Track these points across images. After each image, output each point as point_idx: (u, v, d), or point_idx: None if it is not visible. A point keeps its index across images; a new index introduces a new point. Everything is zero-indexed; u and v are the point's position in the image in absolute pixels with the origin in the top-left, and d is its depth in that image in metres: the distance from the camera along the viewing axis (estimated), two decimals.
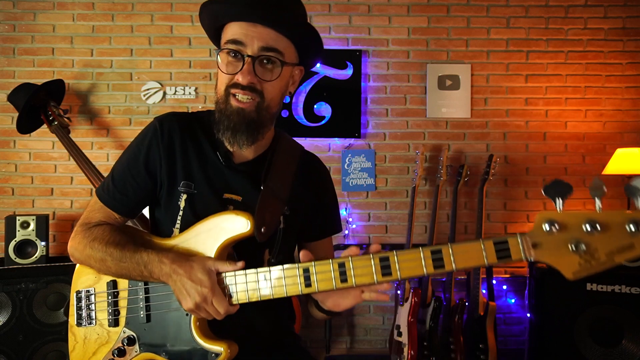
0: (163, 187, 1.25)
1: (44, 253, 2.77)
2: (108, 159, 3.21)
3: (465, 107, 3.27)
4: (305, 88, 3.23)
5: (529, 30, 3.29)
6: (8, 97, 2.94)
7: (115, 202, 1.26)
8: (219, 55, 1.19)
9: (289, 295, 1.11)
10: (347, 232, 3.24)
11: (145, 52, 3.25)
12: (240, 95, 1.16)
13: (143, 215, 1.38)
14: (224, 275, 1.13)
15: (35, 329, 2.61)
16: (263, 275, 1.12)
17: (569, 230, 0.94)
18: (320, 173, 1.41)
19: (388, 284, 1.14)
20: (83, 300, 1.28)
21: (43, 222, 2.81)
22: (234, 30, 1.17)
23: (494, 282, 3.08)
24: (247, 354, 1.23)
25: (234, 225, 1.16)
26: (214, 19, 1.21)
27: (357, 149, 3.26)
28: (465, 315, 2.90)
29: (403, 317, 2.86)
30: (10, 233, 2.76)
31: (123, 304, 1.24)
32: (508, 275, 3.26)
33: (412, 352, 2.76)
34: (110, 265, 1.19)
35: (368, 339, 3.30)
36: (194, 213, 1.22)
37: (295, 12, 1.21)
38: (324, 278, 1.07)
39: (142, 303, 1.22)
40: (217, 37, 1.25)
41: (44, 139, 3.19)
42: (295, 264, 1.10)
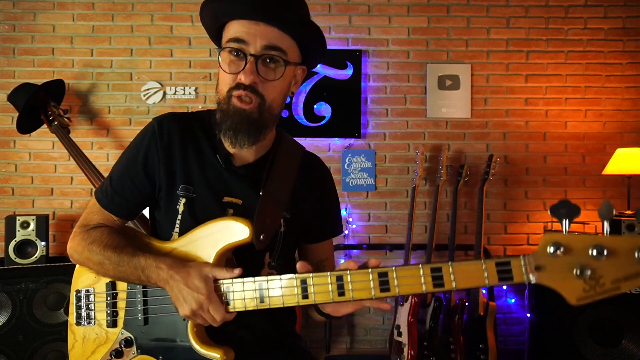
0: (162, 190, 1.23)
1: (44, 253, 2.77)
2: (108, 159, 3.21)
3: (465, 107, 3.27)
4: (305, 88, 3.23)
5: (529, 30, 3.29)
6: (8, 97, 2.94)
7: (114, 205, 1.24)
8: (221, 55, 1.17)
9: (286, 306, 1.09)
10: (347, 232, 3.24)
11: (145, 52, 3.25)
12: (243, 96, 1.13)
13: (143, 215, 1.38)
14: (221, 283, 1.12)
15: (35, 329, 2.61)
16: (260, 284, 1.11)
17: (575, 254, 0.90)
18: (322, 174, 1.39)
19: (388, 303, 1.13)
20: (82, 300, 1.27)
21: (43, 222, 2.81)
22: (236, 29, 1.14)
23: None
24: (247, 355, 1.22)
25: (233, 232, 1.14)
26: (215, 18, 1.18)
27: (357, 149, 3.26)
28: (465, 315, 2.90)
29: (403, 317, 2.86)
30: (10, 233, 2.76)
31: (122, 305, 1.24)
32: None
33: (412, 352, 2.76)
34: (108, 269, 1.18)
35: (368, 339, 3.30)
36: (193, 217, 1.20)
37: (299, 10, 1.18)
38: (322, 290, 1.06)
39: (140, 305, 1.21)
40: (218, 36, 1.22)
41: (44, 139, 3.19)
42: (294, 275, 1.09)
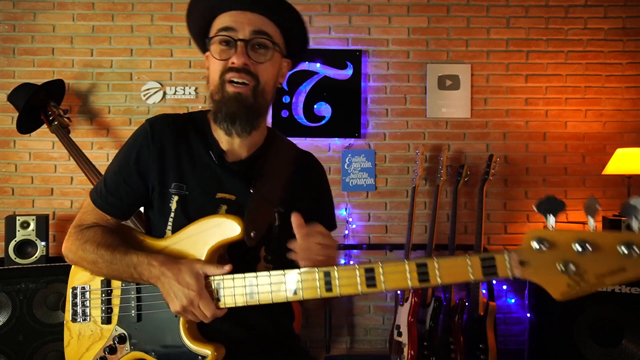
0: (155, 189, 1.25)
1: (44, 253, 2.77)
2: (108, 159, 3.21)
3: (465, 107, 3.27)
4: (305, 88, 3.23)
5: (529, 30, 3.29)
6: (8, 97, 2.94)
7: (108, 205, 1.27)
8: (211, 47, 1.22)
9: (275, 302, 1.11)
10: (347, 232, 3.24)
11: (145, 52, 3.25)
12: (236, 79, 1.17)
13: (141, 212, 1.40)
14: (212, 279, 1.13)
15: (35, 329, 2.61)
16: (250, 281, 1.12)
17: (559, 250, 0.91)
18: (318, 172, 1.41)
19: None
20: (78, 297, 1.29)
21: (43, 222, 2.81)
22: (224, 20, 1.21)
23: (494, 282, 3.08)
24: (246, 354, 1.23)
25: (224, 229, 1.16)
26: (204, 16, 1.25)
27: (357, 149, 3.26)
28: (465, 315, 2.90)
29: (403, 317, 2.86)
30: (10, 233, 2.76)
31: (116, 302, 1.26)
32: None
33: (412, 352, 2.76)
34: (102, 267, 1.20)
35: (368, 339, 3.29)
36: (186, 214, 1.22)
37: (279, 0, 1.25)
38: (310, 286, 1.08)
39: (133, 302, 1.23)
40: (203, 41, 1.29)
41: (44, 139, 3.19)
42: (282, 272, 1.11)
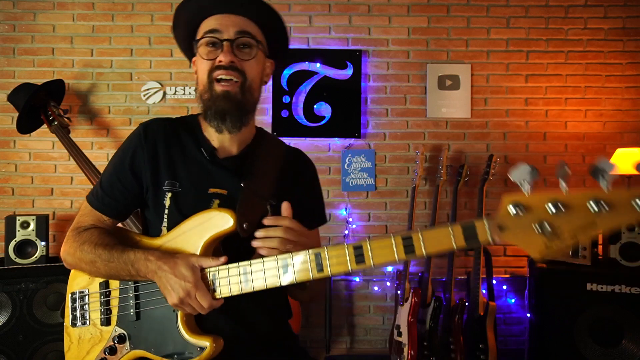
0: (149, 188, 1.29)
1: (44, 253, 2.77)
2: (108, 159, 3.19)
3: (465, 107, 3.27)
4: (305, 88, 3.23)
5: (529, 30, 3.29)
6: (8, 97, 2.94)
7: (104, 205, 1.30)
8: (199, 49, 1.27)
9: (269, 287, 1.14)
10: (347, 232, 3.24)
11: (145, 52, 3.25)
12: (224, 76, 1.22)
13: (138, 213, 1.42)
14: (208, 271, 1.17)
15: (35, 329, 2.62)
16: (244, 269, 1.16)
17: (534, 212, 0.95)
18: (306, 167, 1.46)
19: None
20: (77, 301, 1.31)
21: (43, 222, 2.81)
22: (210, 23, 1.26)
23: (494, 282, 3.08)
24: (243, 351, 1.24)
25: (217, 222, 1.19)
26: (189, 22, 1.30)
27: (357, 149, 3.26)
28: (465, 315, 2.90)
29: (403, 317, 2.86)
30: (10, 233, 2.76)
31: (115, 303, 1.27)
32: (508, 275, 3.26)
33: (412, 352, 2.76)
34: (100, 266, 1.23)
35: (368, 339, 3.30)
36: (180, 211, 1.26)
37: (261, 2, 1.31)
38: (302, 269, 1.12)
39: (132, 301, 1.25)
40: (189, 47, 1.33)
41: (44, 139, 3.19)
42: (275, 257, 1.14)
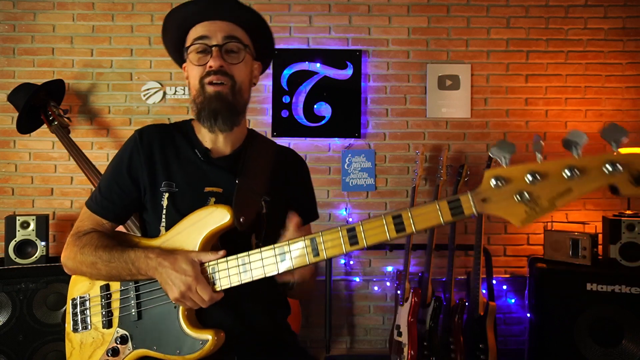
0: (147, 191, 1.32)
1: (44, 253, 2.77)
2: (108, 159, 3.20)
3: (465, 107, 3.27)
4: (305, 88, 3.23)
5: (529, 30, 3.29)
6: (8, 97, 2.94)
7: (103, 208, 1.33)
8: (189, 56, 1.32)
9: (268, 276, 1.16)
10: None
11: (145, 52, 3.25)
12: (215, 80, 1.27)
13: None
14: (207, 265, 1.19)
15: (35, 329, 2.62)
16: (242, 260, 1.18)
17: (514, 183, 1.00)
18: (297, 164, 1.50)
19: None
20: (78, 307, 1.33)
21: (43, 222, 2.81)
22: (198, 30, 1.31)
23: (494, 282, 3.08)
24: (245, 349, 1.26)
25: (214, 218, 1.22)
26: (179, 28, 1.34)
27: (357, 149, 3.26)
28: (465, 315, 2.90)
29: (403, 317, 2.86)
30: (10, 233, 2.76)
31: (116, 305, 1.28)
32: (508, 275, 3.26)
33: (412, 352, 2.76)
34: (101, 267, 1.24)
35: (368, 339, 3.30)
36: (177, 210, 1.29)
37: (245, 7, 1.36)
38: (299, 255, 1.15)
39: (133, 302, 1.26)
40: (179, 54, 1.39)
41: (44, 139, 3.19)
42: (272, 246, 1.17)
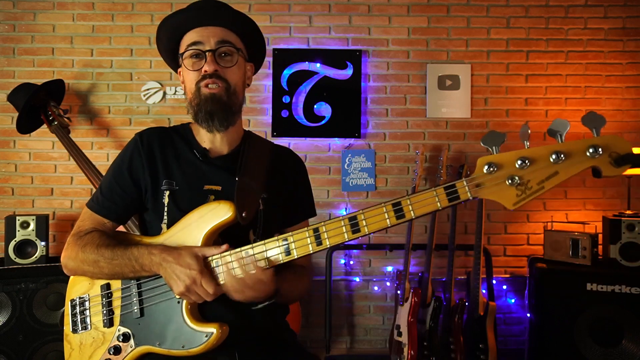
0: (148, 190, 1.34)
1: (44, 253, 2.77)
2: (108, 159, 3.20)
3: (465, 107, 3.27)
4: (305, 88, 3.23)
5: (529, 30, 3.29)
6: (8, 97, 2.94)
7: (104, 208, 1.35)
8: (184, 61, 1.35)
9: (271, 266, 1.18)
10: None
11: (145, 52, 3.25)
12: (210, 84, 1.32)
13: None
14: (211, 259, 1.21)
15: (35, 329, 2.62)
16: (246, 252, 1.20)
17: (505, 168, 1.08)
18: (294, 162, 1.52)
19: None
20: (78, 307, 1.32)
21: (43, 222, 2.81)
22: (191, 36, 1.34)
23: (494, 282, 3.08)
24: (245, 346, 1.26)
25: (217, 213, 1.23)
26: (172, 35, 1.38)
27: (357, 149, 3.26)
28: (465, 315, 2.90)
29: (403, 317, 2.86)
30: (10, 233, 2.76)
31: (117, 304, 1.28)
32: (508, 275, 3.26)
33: (412, 352, 2.76)
34: (103, 265, 1.25)
35: (368, 339, 3.30)
36: (178, 207, 1.30)
37: (235, 12, 1.39)
38: (302, 244, 1.18)
39: (135, 299, 1.26)
40: (174, 59, 1.43)
41: (44, 139, 3.19)
42: (276, 237, 1.20)
